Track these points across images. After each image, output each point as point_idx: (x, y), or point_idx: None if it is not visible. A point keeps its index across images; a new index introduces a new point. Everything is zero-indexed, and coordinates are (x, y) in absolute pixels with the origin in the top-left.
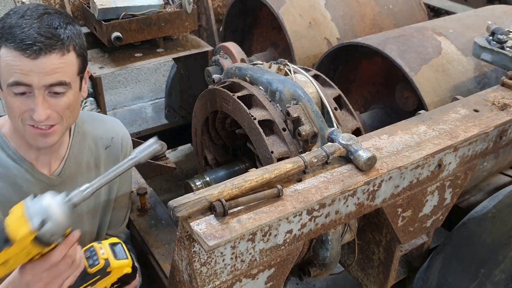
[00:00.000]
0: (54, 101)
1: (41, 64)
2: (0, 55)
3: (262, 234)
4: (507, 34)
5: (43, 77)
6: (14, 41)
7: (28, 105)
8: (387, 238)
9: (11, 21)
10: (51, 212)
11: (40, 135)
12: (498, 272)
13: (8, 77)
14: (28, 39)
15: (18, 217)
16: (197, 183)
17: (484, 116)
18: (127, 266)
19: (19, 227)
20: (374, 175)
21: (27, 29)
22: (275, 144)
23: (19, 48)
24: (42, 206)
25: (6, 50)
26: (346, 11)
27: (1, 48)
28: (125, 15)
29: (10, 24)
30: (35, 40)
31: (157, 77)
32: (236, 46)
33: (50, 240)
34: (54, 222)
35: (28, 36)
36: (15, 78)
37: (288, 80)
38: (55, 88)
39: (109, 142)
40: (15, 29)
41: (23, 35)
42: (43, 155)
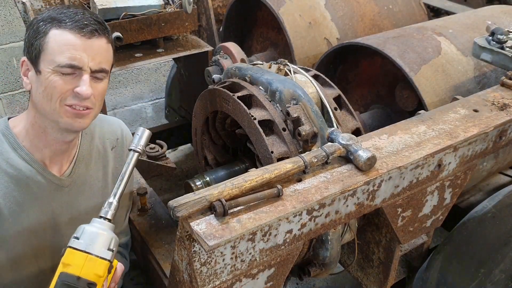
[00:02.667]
0: (94, 85)
1: (93, 44)
2: (49, 36)
3: (262, 234)
4: (506, 34)
5: (92, 59)
6: (71, 21)
7: (72, 84)
8: (387, 238)
9: (59, 11)
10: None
11: (76, 115)
12: (497, 272)
13: (59, 55)
14: (83, 19)
15: (83, 261)
16: (197, 183)
17: (483, 116)
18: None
19: (94, 266)
20: (374, 175)
21: (80, 14)
22: (275, 144)
23: (76, 27)
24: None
25: (59, 31)
26: (346, 11)
27: (51, 30)
28: (125, 15)
29: (59, 11)
30: (90, 22)
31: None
32: (236, 46)
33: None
34: (115, 245)
35: (83, 18)
36: (67, 60)
37: (288, 80)
38: (98, 74)
39: (115, 143)
40: (68, 13)
41: (77, 17)
42: (57, 155)
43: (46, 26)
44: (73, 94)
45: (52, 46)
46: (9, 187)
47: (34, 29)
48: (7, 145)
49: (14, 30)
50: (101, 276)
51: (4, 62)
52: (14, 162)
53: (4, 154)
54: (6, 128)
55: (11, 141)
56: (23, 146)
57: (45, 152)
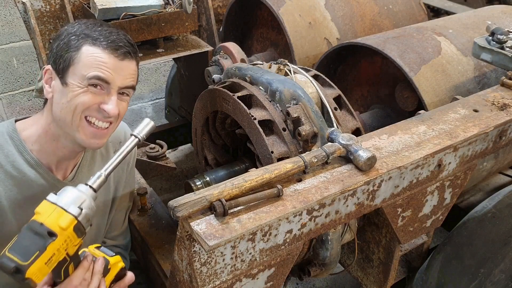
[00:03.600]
0: (119, 102)
1: (124, 66)
2: (82, 51)
3: (262, 234)
4: (506, 34)
5: (121, 79)
6: (106, 41)
7: (98, 100)
8: (387, 238)
9: (92, 27)
10: (83, 198)
11: (94, 134)
12: (497, 272)
13: (88, 70)
14: (119, 41)
15: (51, 211)
16: (197, 183)
17: (483, 116)
18: (120, 261)
19: (59, 217)
20: (374, 175)
21: (115, 34)
22: (275, 144)
23: (111, 47)
24: (73, 195)
25: (94, 48)
26: (346, 11)
27: (84, 46)
28: (125, 15)
29: (93, 29)
30: (125, 44)
31: (157, 77)
32: (236, 46)
33: (85, 226)
34: (88, 207)
35: (118, 39)
36: (98, 72)
37: (288, 80)
38: (125, 90)
39: (117, 146)
40: (103, 32)
41: (113, 37)
42: (64, 161)
43: (79, 41)
44: (98, 109)
45: (84, 61)
46: (13, 190)
47: (65, 41)
48: (13, 148)
49: (14, 30)
50: (63, 228)
51: (4, 62)
52: (19, 166)
53: (10, 157)
54: (13, 131)
55: (17, 144)
56: (29, 150)
57: (53, 158)
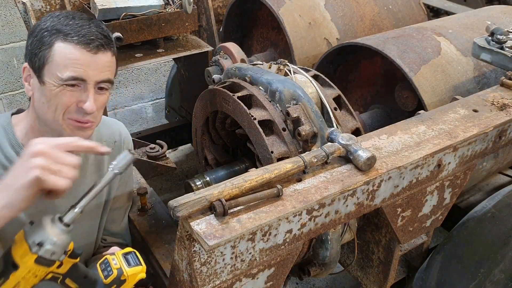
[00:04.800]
0: (97, 97)
1: (98, 59)
2: (55, 48)
3: (262, 233)
4: (506, 34)
5: (98, 73)
6: (77, 36)
7: (77, 98)
8: (387, 238)
9: (63, 21)
10: (46, 234)
11: (79, 128)
12: (497, 271)
13: (63, 70)
14: (90, 34)
15: (19, 242)
16: (197, 183)
17: (483, 116)
18: (141, 272)
19: (21, 251)
20: (373, 175)
21: (86, 27)
22: (275, 144)
23: (82, 42)
24: (38, 229)
25: (65, 44)
26: (346, 11)
27: (56, 43)
28: (125, 15)
29: (64, 22)
30: (96, 37)
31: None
32: (236, 47)
33: (51, 259)
34: (51, 242)
35: (90, 32)
36: (72, 73)
37: (288, 80)
38: (102, 84)
39: (112, 146)
40: (74, 26)
41: (84, 31)
42: None
43: (51, 38)
44: (77, 108)
45: (57, 60)
46: None
47: (38, 38)
48: (6, 140)
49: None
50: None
51: (5, 62)
52: (12, 158)
53: (3, 148)
54: (8, 124)
55: (10, 137)
56: (21, 144)
57: None
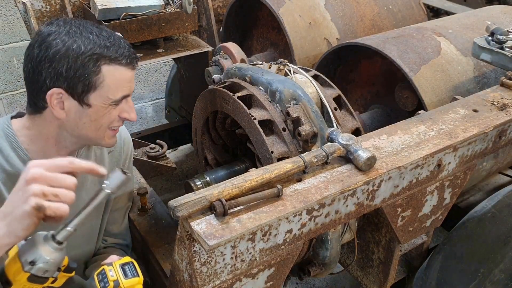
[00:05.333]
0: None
1: (133, 72)
2: (103, 74)
3: (262, 233)
4: (506, 34)
5: (134, 84)
6: (122, 57)
7: (119, 110)
8: (387, 238)
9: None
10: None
11: (114, 135)
12: (497, 271)
13: (116, 92)
14: (129, 52)
15: (12, 259)
16: (197, 183)
17: (483, 116)
18: (138, 284)
19: (14, 269)
20: (373, 175)
21: (122, 45)
22: (275, 144)
23: (127, 63)
24: (30, 247)
25: (112, 67)
26: (346, 11)
27: (103, 68)
28: (125, 15)
29: (103, 44)
30: (130, 52)
31: (158, 77)
32: (236, 47)
33: (44, 276)
34: (43, 261)
35: (128, 50)
36: (124, 93)
37: (288, 80)
38: None
39: (112, 147)
40: (115, 47)
41: (121, 50)
42: None
43: (96, 63)
44: (119, 118)
45: (109, 84)
46: (6, 184)
47: (78, 64)
48: (7, 144)
49: (14, 30)
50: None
51: (5, 62)
52: (13, 162)
53: (4, 152)
54: (8, 127)
55: (11, 141)
56: (24, 148)
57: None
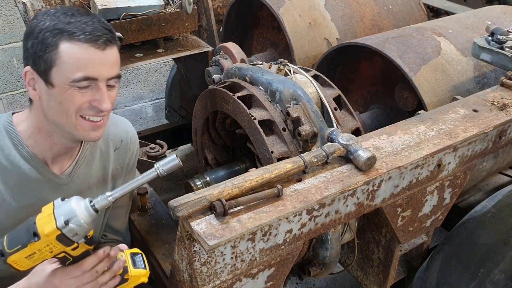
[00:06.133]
0: (109, 94)
1: (107, 56)
2: (61, 49)
3: (262, 233)
4: (506, 34)
5: (108, 70)
6: (83, 33)
7: (89, 97)
8: (387, 238)
9: (64, 19)
10: (75, 214)
11: (92, 128)
12: (497, 271)
13: (74, 71)
14: (96, 31)
15: (47, 215)
16: (197, 183)
17: (483, 116)
18: (144, 276)
19: (46, 223)
20: (373, 175)
21: (90, 23)
22: (275, 144)
23: (90, 40)
24: (68, 207)
25: (72, 44)
26: (346, 11)
27: (62, 43)
28: (125, 15)
29: (65, 20)
30: (102, 32)
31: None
32: (236, 47)
33: (72, 239)
34: (77, 223)
35: (95, 29)
36: (83, 73)
37: (288, 80)
38: (112, 81)
39: (118, 144)
40: (77, 23)
41: (89, 28)
42: (60, 155)
43: (55, 38)
44: (90, 107)
45: (66, 61)
46: (8, 181)
47: (40, 40)
48: (8, 141)
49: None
50: (46, 235)
51: (5, 62)
52: (14, 159)
53: (5, 150)
54: (10, 124)
55: (13, 138)
56: (25, 145)
57: (48, 153)
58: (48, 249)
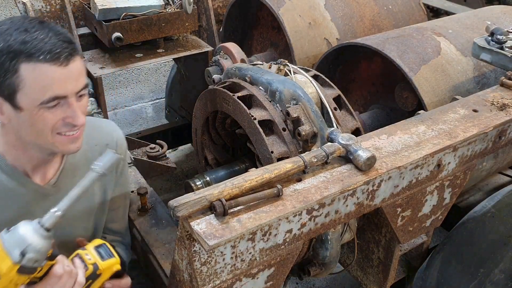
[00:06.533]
0: (79, 104)
1: (72, 69)
2: (22, 74)
3: (262, 233)
4: (506, 34)
5: (75, 84)
6: (42, 53)
7: (61, 114)
8: (387, 238)
9: (19, 37)
10: (28, 241)
11: (70, 141)
12: (497, 271)
13: (41, 93)
14: (55, 47)
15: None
16: (197, 182)
17: (483, 116)
18: (115, 264)
19: (2, 261)
20: (373, 175)
21: (47, 39)
22: (275, 144)
23: (51, 59)
24: (18, 237)
25: (32, 66)
26: (346, 11)
27: (22, 67)
28: (125, 15)
29: (21, 40)
30: (62, 47)
31: (158, 77)
32: (236, 47)
33: (34, 266)
34: (33, 250)
35: (54, 45)
36: (51, 94)
37: (288, 80)
38: (81, 91)
39: (104, 148)
40: (34, 42)
41: (47, 45)
42: (40, 165)
43: (13, 62)
44: (64, 123)
45: (30, 85)
46: None
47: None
48: None
49: None
50: (5, 273)
51: None
52: None
53: None
54: None
55: None
56: (3, 159)
57: (28, 165)
58: (13, 284)
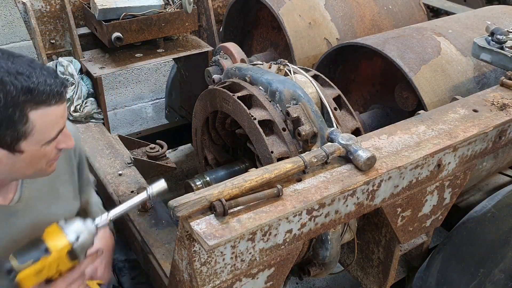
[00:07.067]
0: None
1: (64, 103)
2: (32, 121)
3: (262, 233)
4: (506, 34)
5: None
6: (47, 97)
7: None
8: (387, 238)
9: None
10: (83, 230)
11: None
12: (497, 271)
13: (49, 133)
14: (52, 89)
15: (55, 232)
16: (197, 183)
17: (483, 116)
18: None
19: (58, 239)
20: (373, 175)
21: (42, 81)
22: (275, 144)
23: (54, 102)
24: (75, 225)
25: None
26: (346, 11)
27: (30, 114)
28: (125, 15)
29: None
30: (56, 86)
31: (158, 77)
32: (236, 47)
33: (80, 253)
34: (85, 238)
35: (50, 85)
36: (57, 130)
37: (288, 80)
38: None
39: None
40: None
41: (47, 89)
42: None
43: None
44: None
45: (40, 129)
46: None
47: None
48: None
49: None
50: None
51: None
52: None
53: None
54: None
55: None
56: None
57: None
58: (56, 266)
